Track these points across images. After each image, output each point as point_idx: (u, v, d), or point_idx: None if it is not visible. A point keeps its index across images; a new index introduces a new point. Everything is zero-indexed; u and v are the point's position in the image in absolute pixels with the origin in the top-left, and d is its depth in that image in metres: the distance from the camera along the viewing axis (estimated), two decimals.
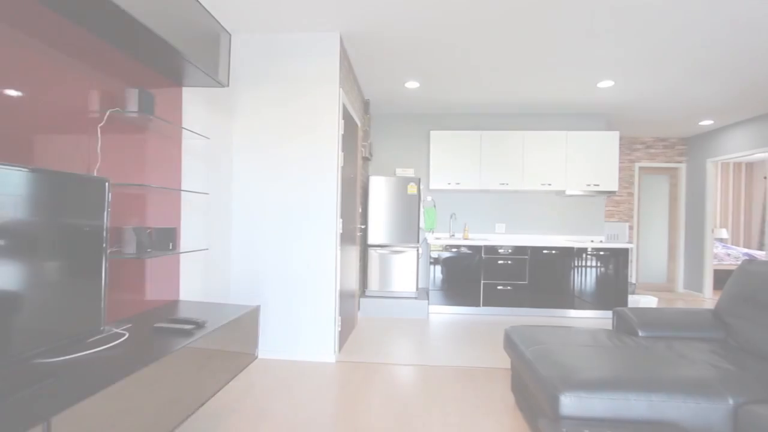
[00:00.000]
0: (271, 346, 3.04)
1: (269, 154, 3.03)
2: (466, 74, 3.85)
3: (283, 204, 3.02)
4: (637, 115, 5.12)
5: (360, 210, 4.29)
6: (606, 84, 4.03)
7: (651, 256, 6.48)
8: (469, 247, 4.61)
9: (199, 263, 2.58)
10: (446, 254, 4.62)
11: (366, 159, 4.74)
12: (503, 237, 5.18)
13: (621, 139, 6.36)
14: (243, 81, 3.04)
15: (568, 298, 4.58)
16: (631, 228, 6.33)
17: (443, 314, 4.57)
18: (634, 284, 5.69)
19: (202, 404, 1.65)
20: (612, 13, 2.67)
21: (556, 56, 3.39)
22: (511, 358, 2.24)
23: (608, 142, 4.80)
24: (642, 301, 4.77)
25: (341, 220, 3.14)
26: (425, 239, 5.21)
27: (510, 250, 4.59)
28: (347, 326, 3.52)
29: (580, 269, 4.57)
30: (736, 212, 7.40)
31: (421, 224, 5.06)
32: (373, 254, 4.54)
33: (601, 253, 4.56)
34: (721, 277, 6.09)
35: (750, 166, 7.32)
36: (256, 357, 2.34)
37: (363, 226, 4.40)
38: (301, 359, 3.02)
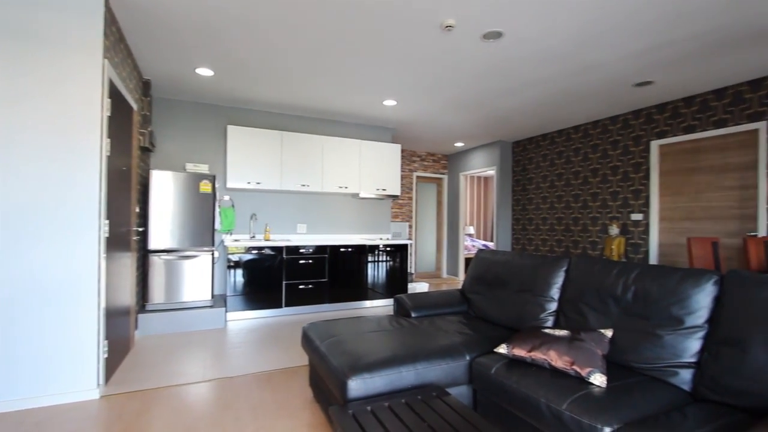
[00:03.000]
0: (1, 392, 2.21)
1: None
2: (265, 71, 3.76)
3: (11, 202, 2.23)
4: (415, 132, 6.13)
5: (137, 209, 3.61)
6: (390, 102, 4.66)
7: (425, 250, 7.87)
8: (271, 248, 4.52)
9: None
10: (247, 257, 4.39)
11: (146, 150, 4.02)
12: (305, 237, 5.32)
13: (403, 151, 7.50)
14: None
15: (362, 291, 5.06)
16: (410, 227, 7.53)
17: (244, 320, 4.33)
18: (413, 274, 6.79)
19: None
20: (397, 44, 3.10)
21: (350, 71, 3.70)
22: (308, 355, 2.30)
23: (393, 153, 5.56)
24: (417, 287, 5.73)
25: (107, 221, 2.56)
26: (222, 242, 4.82)
27: (311, 250, 4.74)
28: (118, 350, 2.90)
29: (372, 264, 5.12)
30: (479, 213, 9.81)
31: (217, 225, 4.66)
32: (157, 261, 3.90)
33: (388, 248, 5.23)
34: (469, 264, 7.96)
35: (486, 179, 9.83)
36: None
37: (141, 229, 3.72)
38: (48, 404, 2.30)
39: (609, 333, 1.87)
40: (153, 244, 3.86)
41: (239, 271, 4.36)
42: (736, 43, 3.07)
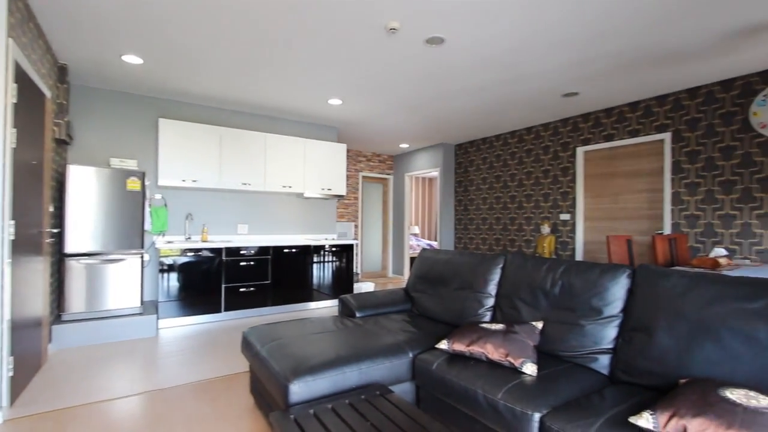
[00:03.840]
0: None
1: None
2: (201, 62, 3.56)
3: None
4: (361, 132, 6.13)
5: (52, 209, 3.25)
6: (335, 101, 4.63)
7: (371, 250, 7.91)
8: (209, 249, 4.29)
9: None
10: (182, 259, 4.12)
11: (63, 142, 3.62)
12: (246, 238, 5.11)
13: (349, 151, 7.48)
14: None
15: (307, 292, 4.97)
16: (356, 227, 7.53)
17: (178, 327, 4.06)
18: (359, 274, 6.79)
19: None
20: (341, 42, 3.08)
21: (292, 67, 3.62)
22: (248, 360, 2.21)
23: (338, 152, 5.52)
24: (363, 287, 5.74)
25: (12, 222, 2.27)
26: (153, 243, 4.48)
27: (253, 251, 4.56)
28: (27, 367, 2.58)
29: (317, 265, 5.04)
30: (424, 213, 10.05)
31: (147, 226, 4.32)
32: (76, 266, 3.52)
33: (334, 249, 5.19)
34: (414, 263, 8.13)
35: (430, 180, 10.10)
36: None
37: (56, 230, 3.35)
38: None
39: (540, 325, 2.01)
40: (70, 247, 3.49)
41: (173, 275, 4.08)
42: (646, 62, 3.44)
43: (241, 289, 4.48)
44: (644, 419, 1.22)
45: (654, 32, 2.92)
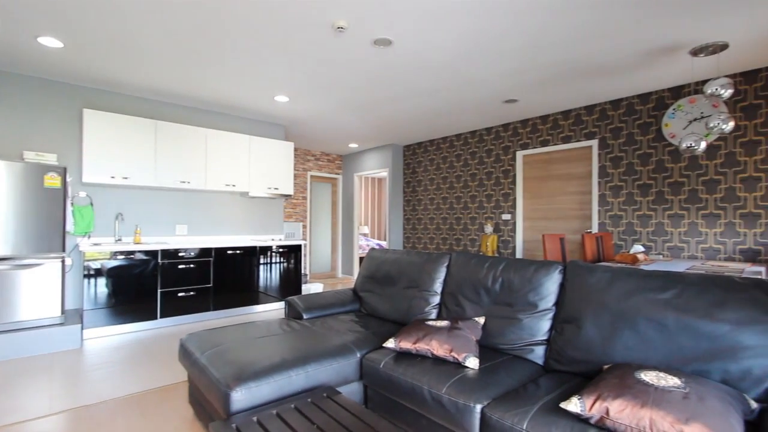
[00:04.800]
0: None
1: None
2: (133, 49, 3.30)
3: None
4: (309, 131, 6.03)
5: None
6: (282, 99, 4.51)
7: (320, 250, 7.80)
8: (144, 252, 3.98)
9: None
10: (111, 263, 3.79)
11: None
12: (186, 239, 4.82)
13: (296, 150, 7.32)
14: None
15: (253, 295, 4.79)
16: (305, 227, 7.39)
17: (107, 337, 3.73)
18: (307, 275, 6.67)
19: None
20: (287, 38, 3.00)
21: (235, 60, 3.47)
22: (187, 369, 2.08)
23: (285, 150, 5.39)
24: (312, 288, 5.65)
25: None
26: (77, 246, 4.08)
27: (193, 253, 4.31)
28: None
29: (263, 266, 4.88)
30: (374, 213, 10.10)
31: (70, 227, 3.93)
32: None
33: (281, 249, 5.05)
34: None
35: (380, 180, 10.18)
36: None
37: None
38: None
39: (482, 320, 2.10)
40: None
41: (101, 281, 3.74)
42: (577, 74, 3.73)
43: (180, 294, 4.21)
44: (573, 404, 1.32)
45: (583, 47, 3.17)
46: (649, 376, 1.33)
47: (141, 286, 3.96)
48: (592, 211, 4.65)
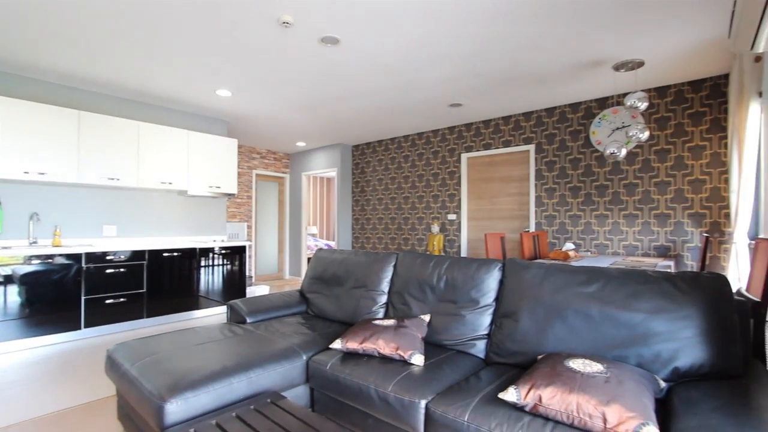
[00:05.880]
0: None
1: None
2: (49, 28, 2.99)
3: None
4: (254, 127, 5.82)
5: None
6: (224, 93, 4.31)
7: (266, 251, 7.56)
8: (65, 255, 3.61)
9: None
10: (25, 268, 3.39)
11: None
12: (115, 241, 4.43)
13: (241, 147, 7.03)
14: None
15: (193, 300, 4.52)
16: (249, 227, 7.12)
17: (21, 352, 3.33)
18: (252, 277, 6.44)
19: None
20: (229, 29, 2.87)
21: (170, 48, 3.26)
22: (115, 383, 1.92)
23: (228, 147, 5.15)
24: (257, 291, 5.46)
25: None
26: None
27: (124, 256, 3.98)
28: None
29: (204, 269, 4.63)
30: (322, 213, 9.97)
31: None
32: None
33: (224, 251, 4.82)
34: None
35: (329, 180, 10.07)
36: None
37: None
38: None
39: (427, 318, 2.16)
40: None
41: (12, 288, 3.34)
42: (515, 82, 3.95)
43: (108, 301, 3.87)
44: (510, 394, 1.40)
45: (522, 57, 3.36)
46: (576, 364, 1.44)
47: (61, 294, 3.59)
48: (529, 212, 4.95)
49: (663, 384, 1.45)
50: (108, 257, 3.88)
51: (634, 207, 4.21)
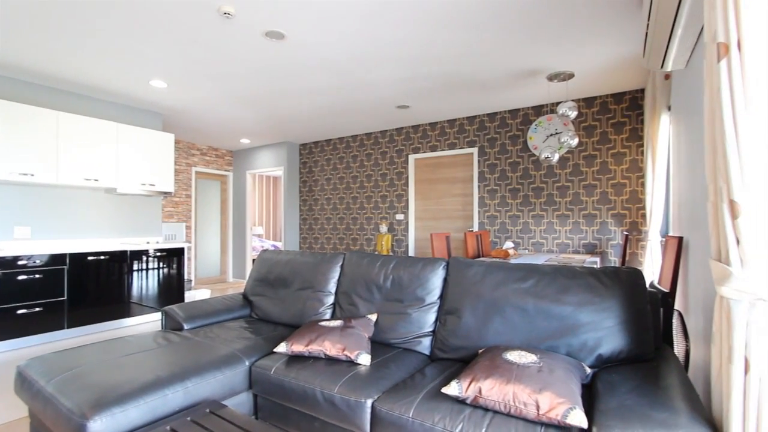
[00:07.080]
0: None
1: None
2: None
3: None
4: (193, 122, 5.49)
5: None
6: (159, 84, 4.02)
7: (208, 253, 7.17)
8: None
9: None
10: None
11: None
12: (28, 244, 3.97)
13: (178, 142, 6.61)
14: None
15: (123, 307, 4.17)
16: (188, 228, 6.71)
17: None
18: (192, 281, 6.08)
19: None
20: (165, 19, 2.68)
21: (109, 35, 2.99)
22: (27, 403, 1.72)
23: (164, 142, 4.82)
24: (197, 295, 5.16)
25: None
26: None
27: (39, 261, 3.58)
28: None
29: (137, 273, 4.29)
30: (268, 213, 9.66)
31: None
32: None
33: (159, 254, 4.50)
34: None
35: (275, 179, 9.78)
36: None
37: None
38: None
39: (374, 317, 2.17)
40: None
41: None
42: (459, 87, 4.10)
43: (20, 311, 3.46)
44: (452, 388, 1.45)
45: (465, 63, 3.50)
46: (513, 356, 1.52)
47: None
48: (473, 212, 5.15)
49: (588, 370, 1.58)
50: (20, 262, 3.46)
51: (566, 208, 4.54)
